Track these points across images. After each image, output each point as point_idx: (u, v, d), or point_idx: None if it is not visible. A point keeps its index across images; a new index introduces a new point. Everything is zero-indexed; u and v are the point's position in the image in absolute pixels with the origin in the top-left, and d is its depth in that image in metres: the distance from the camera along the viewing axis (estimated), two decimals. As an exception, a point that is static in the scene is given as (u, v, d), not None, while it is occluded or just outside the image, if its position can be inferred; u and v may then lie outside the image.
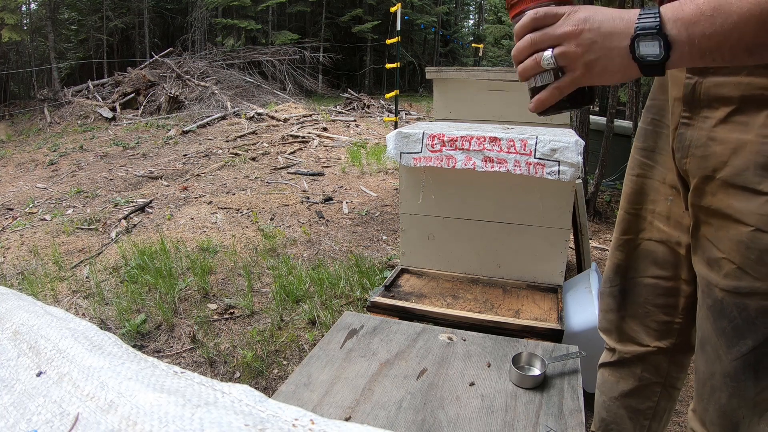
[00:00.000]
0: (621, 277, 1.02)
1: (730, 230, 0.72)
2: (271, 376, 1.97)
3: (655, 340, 1.02)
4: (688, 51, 0.54)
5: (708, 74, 0.73)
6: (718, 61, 0.55)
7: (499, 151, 1.63)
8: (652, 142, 0.93)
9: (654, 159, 0.93)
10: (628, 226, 1.00)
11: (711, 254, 0.76)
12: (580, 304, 1.72)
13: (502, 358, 1.19)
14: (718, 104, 0.72)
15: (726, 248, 0.73)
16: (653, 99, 0.92)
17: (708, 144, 0.74)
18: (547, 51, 0.59)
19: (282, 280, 2.66)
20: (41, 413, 0.41)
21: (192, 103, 10.14)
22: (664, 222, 0.93)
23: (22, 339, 0.50)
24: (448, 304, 1.72)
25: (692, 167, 0.77)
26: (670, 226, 0.92)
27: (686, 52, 0.54)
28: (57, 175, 5.74)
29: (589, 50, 0.57)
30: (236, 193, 4.61)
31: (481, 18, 30.98)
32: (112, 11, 15.18)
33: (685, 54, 0.54)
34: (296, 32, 17.20)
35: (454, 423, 0.97)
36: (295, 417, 0.38)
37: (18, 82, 14.28)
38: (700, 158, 0.75)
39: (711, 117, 0.74)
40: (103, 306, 2.53)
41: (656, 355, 1.03)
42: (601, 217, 3.95)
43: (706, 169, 0.74)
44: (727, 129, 0.71)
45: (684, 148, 0.78)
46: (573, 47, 0.58)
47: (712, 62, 0.55)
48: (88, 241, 3.49)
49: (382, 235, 3.51)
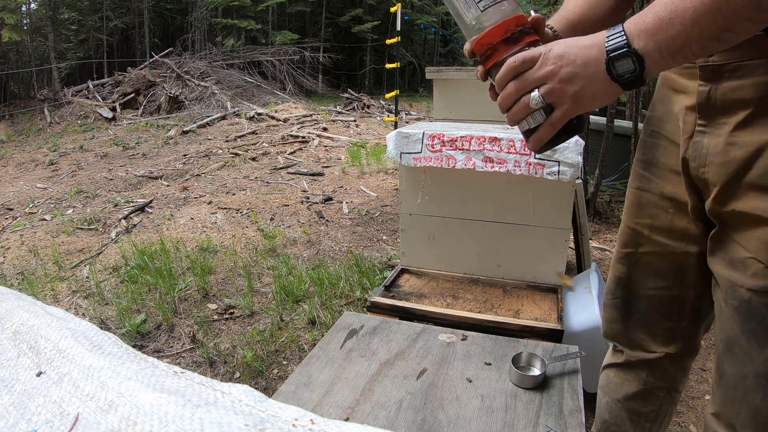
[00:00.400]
0: (623, 290, 1.02)
1: (758, 231, 0.71)
2: (271, 376, 1.97)
3: (662, 346, 1.02)
4: (659, 57, 0.57)
5: (722, 79, 0.72)
6: (691, 57, 0.58)
7: (499, 151, 1.63)
8: (651, 154, 0.92)
9: (651, 171, 0.92)
10: (628, 239, 0.99)
11: (735, 255, 0.75)
12: (580, 304, 1.72)
13: (502, 358, 1.19)
14: (735, 108, 0.72)
15: (753, 248, 0.72)
16: (653, 111, 0.92)
17: (727, 149, 0.73)
18: (534, 92, 0.62)
19: (282, 280, 2.66)
20: (41, 413, 0.41)
21: (192, 103, 10.14)
22: (665, 235, 0.92)
23: (22, 339, 0.50)
24: (448, 304, 1.72)
25: (712, 175, 0.76)
26: (674, 239, 0.91)
27: (657, 59, 0.57)
28: (57, 175, 5.74)
29: (573, 83, 0.60)
30: (236, 193, 4.61)
31: (481, 18, 30.94)
32: (112, 11, 15.18)
33: (657, 61, 0.58)
34: (296, 32, 17.19)
35: (454, 423, 0.97)
36: (295, 417, 0.38)
37: (18, 82, 14.28)
38: (721, 165, 0.74)
39: (728, 122, 0.73)
40: (103, 306, 2.53)
41: (663, 361, 1.03)
42: (601, 217, 3.95)
43: (728, 174, 0.73)
44: (747, 132, 0.70)
45: (701, 156, 0.77)
46: (557, 84, 0.61)
47: (685, 60, 0.58)
48: (88, 241, 3.49)
49: (382, 235, 3.51)
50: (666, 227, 0.91)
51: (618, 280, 1.02)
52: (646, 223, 0.94)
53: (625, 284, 1.01)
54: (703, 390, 1.90)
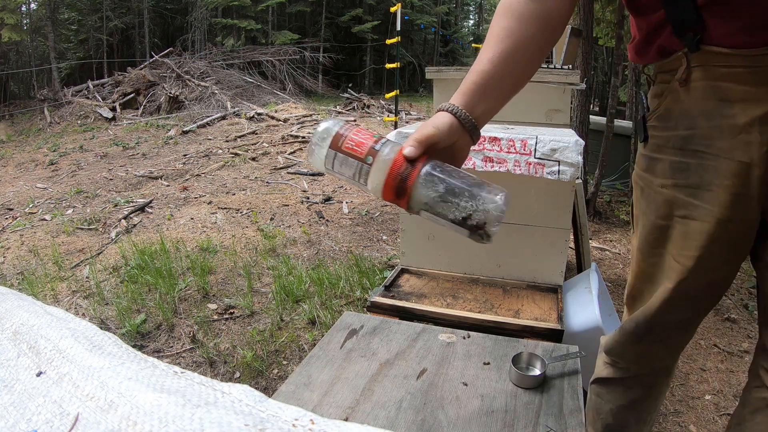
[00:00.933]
0: (644, 319, 0.97)
1: None
2: (271, 376, 1.97)
3: (674, 353, 1.02)
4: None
5: None
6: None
7: (499, 151, 1.63)
8: (698, 177, 0.81)
9: (700, 197, 0.81)
10: (646, 273, 0.94)
11: None
12: (580, 304, 1.72)
13: (502, 358, 1.19)
14: None
15: None
16: (693, 128, 0.80)
17: None
18: None
19: (282, 280, 2.66)
20: (41, 413, 0.41)
21: (192, 103, 10.14)
22: (713, 265, 0.85)
23: (22, 339, 0.50)
24: (448, 304, 1.72)
25: None
26: (722, 265, 0.85)
27: None
28: (57, 175, 5.74)
29: None
30: (236, 193, 4.61)
31: (481, 18, 30.96)
32: (112, 11, 15.17)
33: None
34: (296, 32, 17.19)
35: (454, 423, 0.97)
36: (295, 417, 0.38)
37: (18, 82, 14.27)
38: None
39: None
40: (103, 306, 2.53)
41: (671, 363, 1.03)
42: (601, 217, 3.96)
43: None
44: None
45: None
46: None
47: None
48: (88, 241, 3.49)
49: (382, 235, 3.51)
50: (717, 257, 0.84)
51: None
52: (695, 256, 0.85)
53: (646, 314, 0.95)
54: (703, 390, 1.90)
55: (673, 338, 0.97)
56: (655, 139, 0.88)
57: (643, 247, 0.94)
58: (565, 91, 2.05)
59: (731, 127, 0.75)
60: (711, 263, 0.84)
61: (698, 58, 0.76)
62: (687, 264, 0.85)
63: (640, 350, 1.01)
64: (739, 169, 0.76)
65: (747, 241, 0.83)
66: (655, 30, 0.81)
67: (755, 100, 0.72)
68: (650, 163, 0.89)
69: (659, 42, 0.82)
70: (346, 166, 0.71)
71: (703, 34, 0.74)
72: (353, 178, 0.71)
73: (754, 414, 0.86)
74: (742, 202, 0.78)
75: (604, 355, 1.10)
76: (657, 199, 0.88)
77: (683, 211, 0.84)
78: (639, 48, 0.88)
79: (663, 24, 0.79)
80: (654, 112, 0.88)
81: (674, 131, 0.83)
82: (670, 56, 0.81)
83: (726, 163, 0.77)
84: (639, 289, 0.98)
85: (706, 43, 0.74)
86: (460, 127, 0.72)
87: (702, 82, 0.77)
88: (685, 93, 0.80)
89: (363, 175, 0.70)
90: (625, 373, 1.06)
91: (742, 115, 0.74)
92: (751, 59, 0.71)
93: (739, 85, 0.73)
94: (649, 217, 0.91)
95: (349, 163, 0.71)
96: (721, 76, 0.74)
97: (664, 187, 0.86)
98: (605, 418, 1.12)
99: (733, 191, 0.78)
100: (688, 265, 0.85)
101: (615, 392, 1.09)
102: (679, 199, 0.84)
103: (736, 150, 0.76)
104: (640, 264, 0.96)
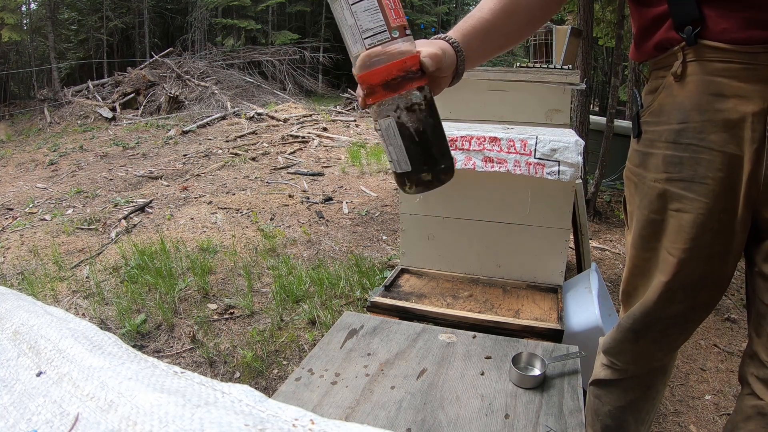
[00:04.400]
0: (641, 314, 0.98)
1: None
2: (271, 376, 1.97)
3: (670, 352, 1.02)
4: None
5: None
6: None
7: (499, 151, 1.63)
8: (691, 171, 0.82)
9: (694, 190, 0.82)
10: (640, 268, 0.94)
11: None
12: (580, 304, 1.72)
13: (502, 358, 1.19)
14: None
15: None
16: (686, 122, 0.81)
17: None
18: None
19: (282, 280, 2.66)
20: (41, 413, 0.41)
21: (192, 103, 10.14)
22: (707, 257, 0.86)
23: (22, 339, 0.50)
24: (448, 304, 1.72)
25: None
26: (715, 257, 0.85)
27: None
28: (57, 175, 5.74)
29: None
30: (236, 193, 4.61)
31: (481, 18, 30.93)
32: (112, 11, 15.17)
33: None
34: (296, 32, 17.18)
35: (454, 423, 0.97)
36: (295, 417, 0.38)
37: (18, 82, 14.27)
38: None
39: None
40: (103, 306, 2.53)
41: (669, 362, 1.03)
42: (601, 217, 3.95)
43: None
44: None
45: None
46: None
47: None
48: (88, 241, 3.49)
49: (382, 235, 3.51)
50: (708, 247, 0.84)
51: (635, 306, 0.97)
52: (687, 248, 0.86)
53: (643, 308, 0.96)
54: (703, 390, 1.90)
55: (671, 335, 0.97)
56: (648, 134, 0.88)
57: (637, 242, 0.94)
58: (565, 91, 2.05)
59: (725, 122, 0.76)
60: (701, 253, 0.85)
61: (694, 53, 0.77)
62: (681, 256, 0.86)
63: (637, 349, 1.01)
64: (731, 162, 0.77)
65: (733, 234, 0.83)
66: (655, 24, 0.82)
67: (748, 97, 0.73)
68: (643, 158, 0.90)
69: (657, 37, 0.83)
70: (368, 15, 0.59)
71: (701, 29, 0.75)
72: (360, 33, 0.60)
73: (746, 421, 0.86)
74: (731, 193, 0.79)
75: (602, 356, 1.11)
76: (650, 194, 0.88)
77: (677, 205, 0.85)
78: (637, 42, 0.89)
79: (663, 18, 0.80)
80: (648, 108, 0.88)
81: (667, 125, 0.84)
82: (666, 51, 0.82)
83: (719, 155, 0.78)
84: (633, 284, 0.99)
85: (704, 37, 0.75)
86: (454, 63, 0.69)
87: (697, 77, 0.78)
88: (680, 87, 0.81)
89: (376, 38, 0.59)
90: (623, 374, 1.06)
91: (734, 111, 0.75)
92: (746, 56, 0.72)
93: (733, 81, 0.74)
94: (642, 212, 0.91)
95: (375, 18, 0.59)
96: (716, 71, 0.75)
97: (657, 181, 0.87)
98: (604, 420, 1.12)
99: (726, 183, 0.79)
100: (682, 257, 0.85)
101: (613, 394, 1.09)
102: (672, 192, 0.85)
103: (729, 143, 0.77)
104: (634, 259, 0.97)
